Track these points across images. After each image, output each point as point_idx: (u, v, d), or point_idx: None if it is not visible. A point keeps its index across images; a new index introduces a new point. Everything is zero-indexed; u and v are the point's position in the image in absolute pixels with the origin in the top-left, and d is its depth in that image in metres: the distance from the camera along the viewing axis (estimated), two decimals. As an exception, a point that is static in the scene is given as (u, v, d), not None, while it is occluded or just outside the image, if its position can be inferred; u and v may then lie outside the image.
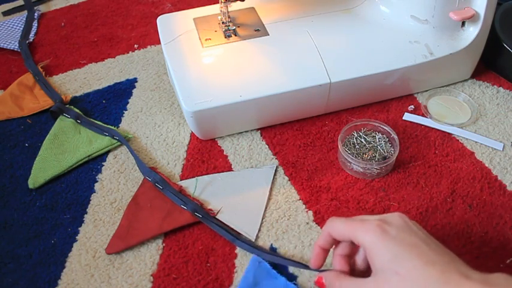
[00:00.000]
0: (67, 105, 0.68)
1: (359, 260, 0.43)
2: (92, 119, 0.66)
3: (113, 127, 0.64)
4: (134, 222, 0.54)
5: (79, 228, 0.54)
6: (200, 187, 0.57)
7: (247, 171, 0.59)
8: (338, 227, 0.42)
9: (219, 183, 0.58)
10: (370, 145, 0.60)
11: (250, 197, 0.56)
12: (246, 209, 0.55)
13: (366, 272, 0.42)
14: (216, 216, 0.54)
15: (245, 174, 0.59)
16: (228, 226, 0.53)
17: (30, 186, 0.58)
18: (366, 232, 0.39)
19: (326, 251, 0.44)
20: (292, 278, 0.49)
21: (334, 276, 0.41)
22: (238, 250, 0.52)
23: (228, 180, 0.58)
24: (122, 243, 0.52)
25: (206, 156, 0.61)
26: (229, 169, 0.60)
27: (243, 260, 0.51)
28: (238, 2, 0.64)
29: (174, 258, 0.51)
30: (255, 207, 0.55)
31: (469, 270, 0.36)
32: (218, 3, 0.65)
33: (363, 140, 0.60)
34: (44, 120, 0.67)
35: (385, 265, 0.38)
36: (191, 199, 0.56)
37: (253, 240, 0.52)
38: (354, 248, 0.43)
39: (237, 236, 0.52)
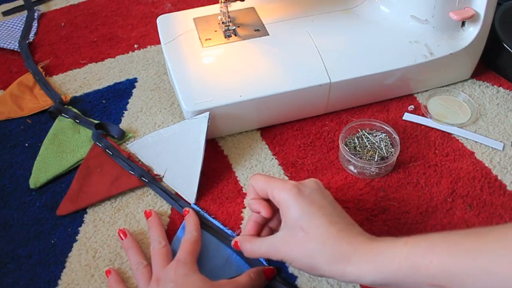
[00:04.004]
0: (65, 106, 0.68)
1: (272, 224, 0.49)
2: (90, 119, 0.66)
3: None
4: (84, 186, 0.57)
5: (79, 228, 0.54)
6: (145, 148, 0.61)
7: (182, 125, 0.60)
8: (259, 181, 0.47)
9: (163, 142, 0.60)
10: (371, 145, 0.60)
11: (187, 154, 0.57)
12: (185, 169, 0.57)
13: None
14: (163, 180, 0.58)
15: (181, 127, 0.60)
16: (170, 190, 0.57)
17: (32, 186, 0.58)
18: (282, 190, 0.44)
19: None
20: (292, 278, 0.49)
21: (245, 239, 0.47)
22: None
23: (169, 138, 0.60)
24: (72, 205, 0.55)
25: (206, 156, 0.61)
26: (230, 169, 0.60)
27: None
28: (238, 2, 0.64)
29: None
30: (192, 167, 0.57)
31: (362, 232, 0.43)
32: (218, 3, 0.65)
33: (364, 140, 0.60)
34: (44, 120, 0.67)
35: (294, 221, 0.43)
36: (139, 165, 0.59)
37: (192, 204, 0.55)
38: (265, 218, 0.48)
39: (176, 200, 0.55)
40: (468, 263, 0.35)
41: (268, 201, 0.47)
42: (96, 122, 0.65)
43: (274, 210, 0.48)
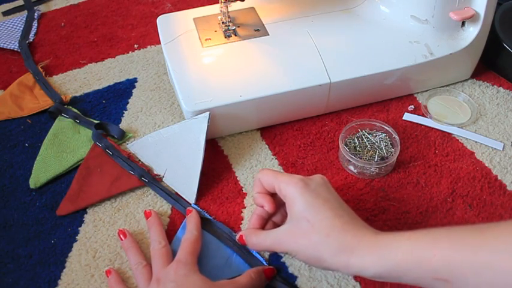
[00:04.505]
0: (65, 106, 0.68)
1: (276, 219, 0.50)
2: (90, 119, 0.66)
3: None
4: (84, 186, 0.57)
5: (79, 228, 0.54)
6: (145, 148, 0.61)
7: (182, 125, 0.59)
8: (266, 175, 0.48)
9: (163, 142, 0.60)
10: (371, 145, 0.60)
11: (187, 155, 0.58)
12: (185, 169, 0.57)
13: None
14: (163, 180, 0.58)
15: (181, 127, 0.59)
16: (170, 190, 0.57)
17: (32, 186, 0.58)
18: (288, 184, 0.45)
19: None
20: (292, 278, 0.49)
21: (250, 232, 0.48)
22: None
23: (169, 138, 0.60)
24: (72, 206, 0.56)
25: (206, 156, 0.61)
26: (230, 169, 0.60)
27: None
28: (238, 2, 0.64)
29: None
30: (192, 167, 0.57)
31: (366, 226, 0.43)
32: (218, 3, 0.65)
33: (364, 140, 0.60)
34: (44, 120, 0.67)
35: (300, 213, 0.43)
36: (139, 165, 0.59)
37: (192, 204, 0.55)
38: (270, 212, 0.49)
39: (177, 200, 0.55)
40: (470, 258, 0.36)
41: (273, 196, 0.48)
42: (96, 122, 0.65)
43: (278, 205, 0.48)
